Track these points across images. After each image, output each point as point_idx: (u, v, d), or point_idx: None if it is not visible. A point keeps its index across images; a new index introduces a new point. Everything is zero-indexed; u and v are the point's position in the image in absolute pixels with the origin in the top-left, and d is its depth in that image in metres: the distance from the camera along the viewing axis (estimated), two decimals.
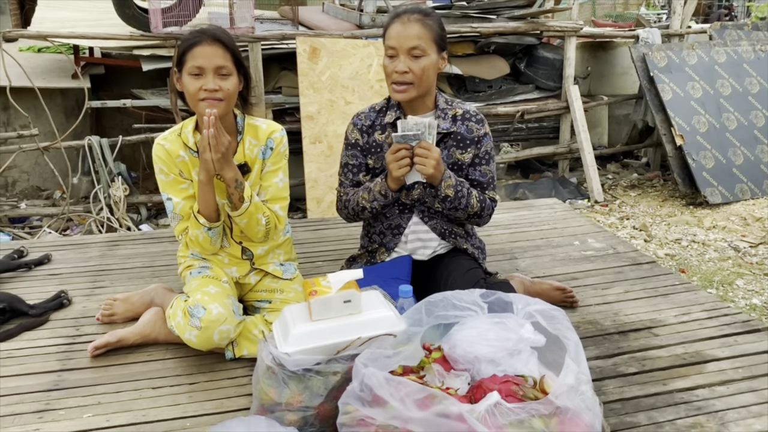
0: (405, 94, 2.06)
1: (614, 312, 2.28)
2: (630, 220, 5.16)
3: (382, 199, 2.10)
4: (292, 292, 2.19)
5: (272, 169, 2.15)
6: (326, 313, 1.55)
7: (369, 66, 4.96)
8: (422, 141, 1.95)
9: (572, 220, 3.15)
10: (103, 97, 5.37)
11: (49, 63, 5.46)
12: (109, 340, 2.03)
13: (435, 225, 2.20)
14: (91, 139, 4.68)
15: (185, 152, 2.07)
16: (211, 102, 1.94)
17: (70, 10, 5.88)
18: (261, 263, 2.22)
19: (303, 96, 4.81)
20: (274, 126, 2.17)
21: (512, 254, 2.78)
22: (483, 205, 2.14)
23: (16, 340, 2.11)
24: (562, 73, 5.79)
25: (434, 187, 2.06)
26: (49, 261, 2.69)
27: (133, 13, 4.97)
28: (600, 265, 2.67)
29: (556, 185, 5.78)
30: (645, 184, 6.09)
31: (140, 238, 2.97)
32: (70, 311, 2.31)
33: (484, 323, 1.52)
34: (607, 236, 2.96)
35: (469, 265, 2.14)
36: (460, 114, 2.18)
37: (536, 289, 2.31)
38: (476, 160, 2.18)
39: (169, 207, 2.10)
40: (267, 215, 2.09)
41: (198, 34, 1.97)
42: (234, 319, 1.96)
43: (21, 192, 5.29)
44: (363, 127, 2.21)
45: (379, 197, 2.10)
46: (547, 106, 5.79)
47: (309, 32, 5.05)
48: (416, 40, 2.01)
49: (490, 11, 5.67)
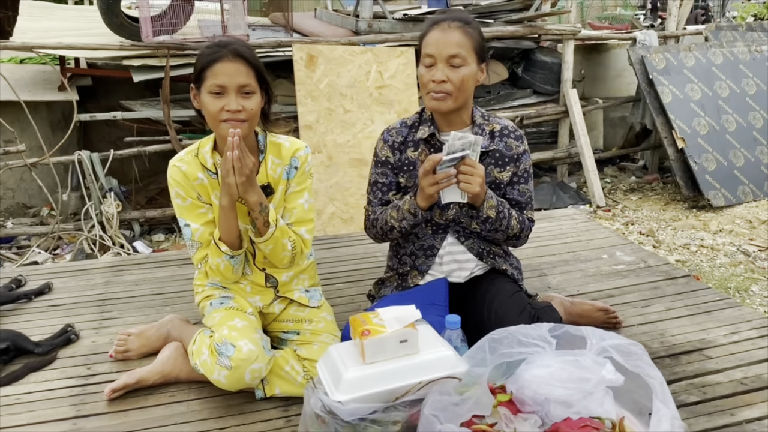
0: (442, 103, 1.93)
1: (660, 332, 2.17)
2: (635, 225, 5.08)
3: (412, 219, 1.96)
4: (322, 322, 2.04)
5: (297, 189, 2.00)
6: (381, 354, 1.41)
7: (367, 73, 4.82)
8: (466, 159, 1.81)
9: (596, 231, 3.05)
10: (91, 109, 5.16)
11: (33, 75, 5.23)
12: (127, 382, 1.86)
13: (472, 245, 2.07)
14: (81, 153, 4.47)
15: (203, 174, 1.92)
16: (234, 123, 1.79)
17: (54, 19, 5.65)
18: (285, 290, 2.07)
19: (301, 105, 4.66)
20: (298, 143, 2.02)
21: (541, 270, 2.66)
22: (522, 226, 2.02)
23: (23, 382, 1.94)
24: (560, 77, 5.71)
25: (475, 207, 1.92)
26: (51, 290, 2.51)
27: (121, 22, 4.77)
28: (634, 280, 2.56)
29: (557, 190, 5.70)
30: (645, 188, 6.03)
31: (145, 262, 2.80)
32: (78, 347, 2.14)
33: (555, 361, 1.39)
34: (635, 248, 2.86)
35: (512, 288, 2.01)
36: (498, 130, 2.05)
37: (577, 311, 2.19)
38: (515, 179, 2.05)
39: (187, 234, 1.94)
40: (293, 240, 1.94)
41: (218, 48, 1.81)
42: (265, 356, 1.81)
43: (6, 210, 5.05)
44: (394, 144, 2.08)
45: (408, 216, 1.96)
46: (545, 111, 5.70)
47: (305, 39, 4.90)
48: (456, 48, 1.89)
49: (487, 15, 5.57)
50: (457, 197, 1.87)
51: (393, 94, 4.87)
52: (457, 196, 1.87)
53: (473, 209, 1.94)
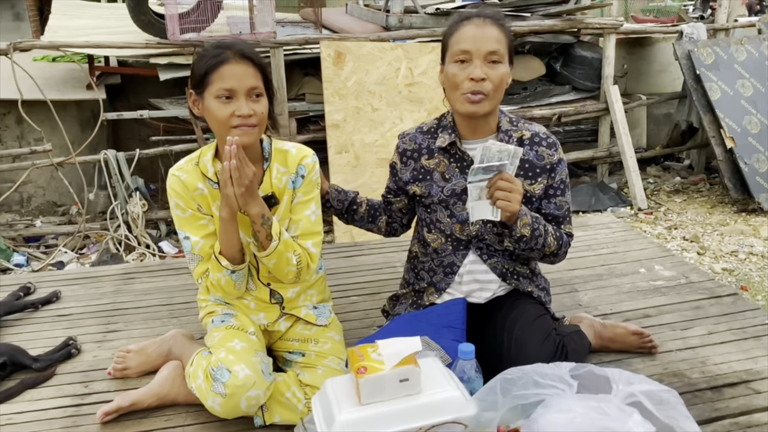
0: (479, 105, 1.75)
1: (701, 360, 1.97)
2: (678, 230, 4.81)
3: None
4: (329, 343, 1.91)
5: (303, 200, 1.87)
6: (378, 395, 1.26)
7: (397, 70, 4.67)
8: (503, 172, 1.63)
9: (633, 242, 2.83)
10: (120, 107, 5.14)
11: (64, 73, 5.24)
12: (120, 405, 1.76)
13: (495, 264, 1.89)
14: (107, 153, 4.44)
15: (204, 184, 1.80)
16: (245, 129, 1.67)
17: (86, 17, 5.65)
18: (292, 307, 1.94)
19: (328, 103, 4.53)
20: (305, 151, 1.88)
21: (572, 286, 2.47)
22: (560, 243, 1.83)
23: (17, 400, 1.86)
24: (601, 73, 5.45)
25: (507, 226, 1.74)
26: (58, 299, 2.44)
27: (149, 20, 4.73)
28: (674, 298, 2.35)
29: (596, 191, 5.44)
30: (690, 189, 5.73)
31: (158, 270, 2.71)
32: (78, 362, 2.05)
33: (575, 406, 1.22)
34: (676, 262, 2.64)
35: (536, 311, 1.84)
36: (527, 137, 1.87)
37: (609, 335, 2.01)
38: (550, 191, 1.86)
39: (187, 247, 1.83)
40: (298, 254, 1.81)
41: (222, 50, 1.68)
42: (263, 381, 1.68)
43: (36, 208, 5.08)
44: (406, 152, 1.92)
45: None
46: (585, 108, 5.46)
47: (333, 36, 4.77)
48: (495, 44, 1.72)
49: (524, 9, 5.34)
50: (488, 214, 1.68)
51: (423, 91, 4.71)
52: (488, 213, 1.68)
53: (505, 227, 1.76)
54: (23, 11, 8.84)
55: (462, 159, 1.86)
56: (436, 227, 1.91)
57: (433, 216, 1.91)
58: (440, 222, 1.89)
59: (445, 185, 1.87)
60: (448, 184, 1.87)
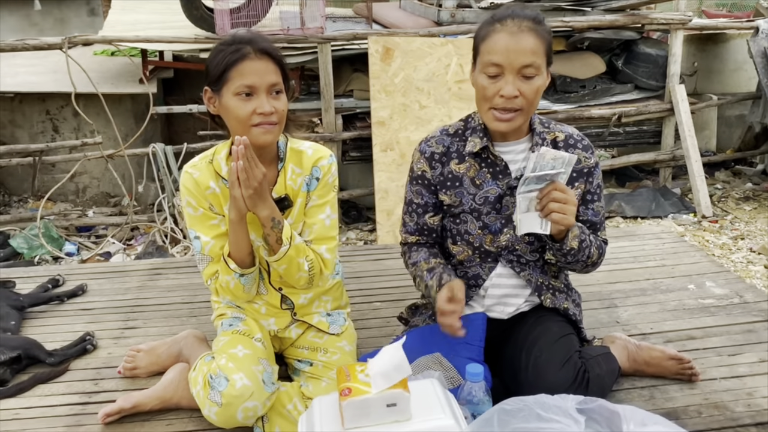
0: (510, 123, 1.62)
1: (747, 392, 1.77)
2: (745, 241, 4.48)
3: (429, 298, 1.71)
4: (338, 353, 1.82)
5: (318, 203, 1.78)
6: (363, 419, 1.17)
7: (447, 66, 4.53)
8: (556, 182, 1.51)
9: (685, 255, 2.62)
10: (173, 101, 5.22)
11: (121, 67, 5.36)
12: (123, 406, 1.73)
13: (530, 277, 1.75)
14: (155, 146, 4.50)
15: (216, 183, 1.74)
16: (267, 128, 1.61)
17: (144, 12, 5.76)
18: (304, 314, 1.86)
19: (374, 100, 4.44)
20: (322, 151, 1.80)
21: (611, 301, 2.29)
22: (600, 251, 1.71)
23: (26, 395, 1.86)
24: (666, 71, 5.14)
25: (556, 240, 1.61)
26: (84, 293, 2.45)
27: (201, 15, 4.77)
28: (724, 319, 2.14)
29: (657, 196, 5.14)
30: (761, 197, 5.34)
31: (184, 266, 2.69)
32: (92, 359, 2.04)
33: None
34: (731, 279, 2.42)
35: (560, 330, 1.69)
36: (561, 139, 1.72)
37: (644, 358, 1.84)
38: (588, 197, 1.72)
39: (197, 247, 1.77)
40: (310, 259, 1.73)
41: (241, 45, 1.61)
42: (263, 392, 1.61)
43: (91, 198, 5.21)
44: (434, 156, 1.76)
45: (427, 294, 1.72)
46: (647, 108, 5.17)
47: (382, 31, 4.67)
48: (531, 57, 1.57)
49: (584, 3, 5.09)
50: (537, 227, 1.56)
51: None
52: (536, 226, 1.56)
53: (554, 241, 1.63)
54: (98, 7, 9.14)
55: (494, 164, 1.72)
56: (463, 239, 1.77)
57: (462, 227, 1.76)
58: (469, 234, 1.75)
59: (476, 192, 1.73)
60: (480, 192, 1.72)
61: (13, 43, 4.20)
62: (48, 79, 5.09)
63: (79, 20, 8.69)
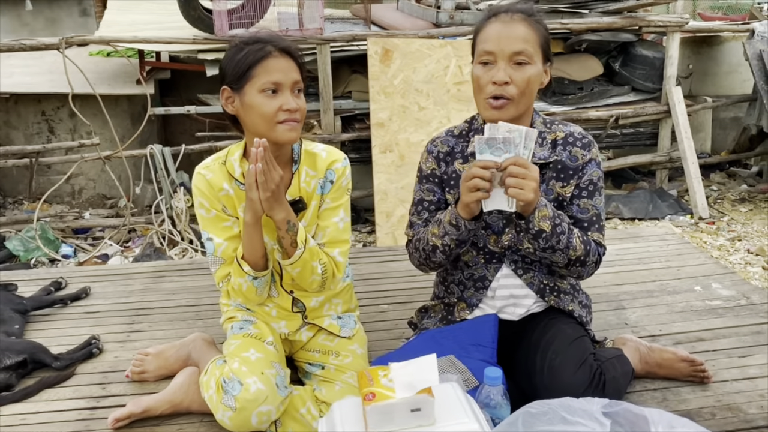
0: (502, 111, 1.61)
1: (760, 393, 1.78)
2: (743, 242, 4.50)
3: (455, 232, 1.62)
4: (350, 356, 1.81)
5: (332, 206, 1.77)
6: (387, 424, 1.16)
7: (446, 68, 4.53)
8: (516, 156, 1.48)
9: (689, 256, 2.62)
10: (169, 102, 5.18)
11: (117, 68, 5.32)
12: (132, 411, 1.71)
13: (532, 279, 1.75)
14: (152, 147, 4.47)
15: (230, 185, 1.73)
16: (292, 125, 1.61)
17: (140, 12, 5.73)
18: (315, 317, 1.85)
19: (373, 102, 4.44)
20: (336, 154, 1.79)
21: (619, 302, 2.30)
22: (588, 248, 1.63)
23: (34, 400, 1.83)
24: (663, 73, 5.17)
25: (524, 218, 1.57)
26: (87, 295, 2.43)
27: (198, 15, 4.73)
28: (732, 321, 2.15)
29: (654, 198, 5.17)
30: (757, 198, 5.38)
31: (188, 269, 2.67)
32: (99, 362, 2.02)
33: None
34: (736, 280, 2.42)
35: (574, 333, 1.68)
36: (561, 138, 1.72)
37: (656, 360, 1.84)
38: (575, 192, 1.69)
39: (210, 248, 1.76)
40: (324, 263, 1.72)
41: (264, 43, 1.61)
42: (277, 396, 1.60)
43: (87, 200, 5.17)
44: (439, 155, 1.78)
45: (450, 230, 1.62)
46: (644, 110, 5.19)
47: (381, 32, 4.66)
48: (521, 44, 1.58)
49: (582, 5, 5.11)
50: (503, 204, 1.53)
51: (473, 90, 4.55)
52: (502, 203, 1.52)
53: (522, 219, 1.59)
54: (90, 7, 9.08)
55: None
56: None
57: None
58: None
59: None
60: None
61: (10, 43, 4.16)
62: (43, 79, 5.05)
63: (71, 20, 8.62)
